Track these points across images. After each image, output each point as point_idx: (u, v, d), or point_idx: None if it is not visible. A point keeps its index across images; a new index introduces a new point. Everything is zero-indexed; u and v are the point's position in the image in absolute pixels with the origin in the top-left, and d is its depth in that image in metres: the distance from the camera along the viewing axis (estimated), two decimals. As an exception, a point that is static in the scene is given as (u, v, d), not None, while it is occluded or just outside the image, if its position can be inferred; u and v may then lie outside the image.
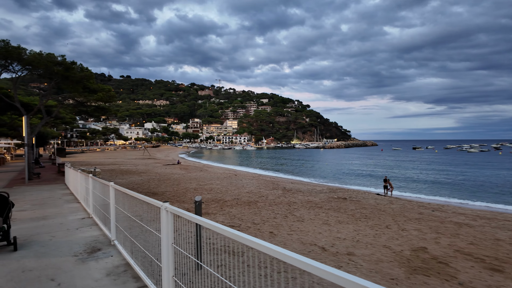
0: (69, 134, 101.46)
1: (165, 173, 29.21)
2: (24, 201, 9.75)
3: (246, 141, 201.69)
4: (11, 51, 15.46)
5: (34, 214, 7.56)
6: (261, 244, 1.58)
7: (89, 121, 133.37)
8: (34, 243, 4.80)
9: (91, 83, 18.58)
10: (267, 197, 17.50)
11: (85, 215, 7.21)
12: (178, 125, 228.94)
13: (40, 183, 15.58)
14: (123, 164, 43.16)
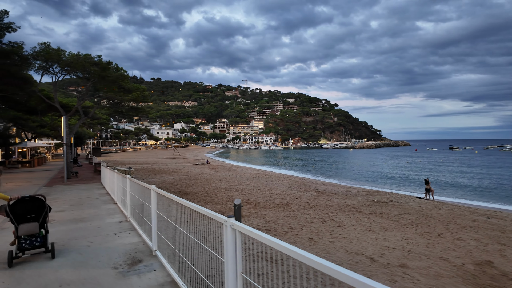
0: (104, 134, 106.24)
1: (196, 173, 29.36)
2: (63, 201, 9.84)
3: (272, 141, 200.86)
4: (51, 53, 16.03)
5: (72, 215, 7.50)
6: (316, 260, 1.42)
7: (122, 122, 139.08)
8: (72, 250, 4.54)
9: (126, 83, 18.91)
10: (300, 199, 16.84)
11: (122, 218, 7.03)
12: (206, 126, 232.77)
13: (78, 182, 15.99)
14: (154, 163, 44.20)
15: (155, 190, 4.26)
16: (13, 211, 4.21)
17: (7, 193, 11.90)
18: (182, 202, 3.03)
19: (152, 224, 4.25)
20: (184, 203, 2.93)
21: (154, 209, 4.31)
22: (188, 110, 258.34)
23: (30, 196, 4.32)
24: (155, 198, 4.35)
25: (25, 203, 4.30)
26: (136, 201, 6.69)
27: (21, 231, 4.14)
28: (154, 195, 4.38)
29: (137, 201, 6.60)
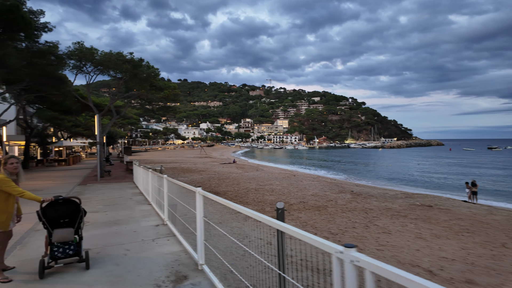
0: (134, 134, 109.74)
1: (223, 172, 29.06)
2: (97, 201, 9.63)
3: (297, 140, 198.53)
4: (85, 52, 16.23)
5: (106, 217, 7.16)
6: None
7: (151, 122, 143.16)
8: (107, 259, 4.07)
9: (157, 80, 18.89)
10: (336, 201, 15.88)
11: (158, 221, 6.58)
12: (231, 125, 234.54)
13: (110, 181, 16.05)
14: (183, 162, 44.62)
15: (201, 193, 3.66)
16: (45, 215, 3.82)
17: (42, 192, 12.00)
18: (250, 213, 2.36)
19: (198, 233, 3.65)
20: (255, 215, 2.24)
21: (201, 215, 3.70)
22: (214, 110, 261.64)
23: (64, 198, 3.89)
24: (201, 202, 3.74)
25: (58, 206, 3.87)
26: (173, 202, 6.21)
27: (54, 238, 3.72)
28: (200, 199, 3.77)
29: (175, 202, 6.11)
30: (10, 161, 3.81)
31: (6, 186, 3.62)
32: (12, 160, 3.82)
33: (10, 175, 3.75)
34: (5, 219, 3.67)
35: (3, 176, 3.66)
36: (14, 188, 3.64)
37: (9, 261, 4.23)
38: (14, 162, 3.84)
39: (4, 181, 3.63)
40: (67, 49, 16.64)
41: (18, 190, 3.65)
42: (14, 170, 3.80)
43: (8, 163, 3.77)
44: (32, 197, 3.67)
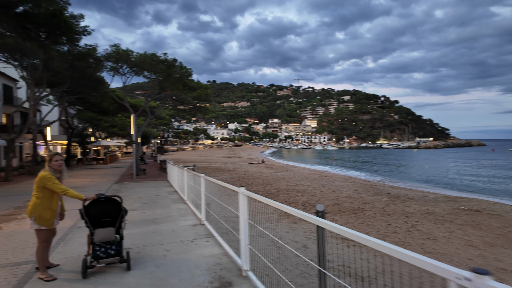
0: (166, 134, 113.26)
1: (253, 172, 28.93)
2: (134, 199, 9.79)
3: (326, 140, 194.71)
4: (121, 54, 16.79)
5: (144, 215, 7.21)
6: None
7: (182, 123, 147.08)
8: (148, 260, 3.97)
9: (190, 81, 19.17)
10: (373, 204, 15.10)
11: (195, 220, 6.49)
12: (258, 125, 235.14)
13: (146, 179, 16.43)
14: (213, 162, 45.19)
15: (245, 194, 3.44)
16: (87, 213, 3.76)
17: (83, 189, 12.46)
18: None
19: (241, 236, 3.42)
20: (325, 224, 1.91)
21: (245, 218, 3.45)
22: (241, 111, 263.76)
23: (106, 197, 3.83)
24: (245, 204, 3.49)
25: (100, 205, 3.80)
26: (210, 201, 6.06)
27: (96, 238, 3.66)
28: (243, 201, 3.51)
29: (212, 201, 5.96)
30: (55, 158, 3.80)
31: (50, 183, 3.61)
32: (56, 157, 3.82)
33: (54, 172, 3.74)
34: (50, 216, 3.67)
35: (48, 174, 3.66)
36: (58, 185, 3.62)
37: (53, 258, 4.25)
38: (59, 159, 3.84)
39: (48, 178, 3.63)
40: (105, 51, 17.32)
41: (62, 188, 3.63)
42: (58, 167, 3.79)
43: (53, 160, 3.77)
44: (75, 195, 3.63)
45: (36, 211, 3.58)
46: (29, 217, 3.60)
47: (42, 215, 3.59)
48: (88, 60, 18.14)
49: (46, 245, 3.73)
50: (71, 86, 21.37)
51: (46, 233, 3.69)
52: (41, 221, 3.59)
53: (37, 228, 3.61)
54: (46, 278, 3.54)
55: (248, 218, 3.41)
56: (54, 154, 3.80)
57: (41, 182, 3.61)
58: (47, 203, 3.65)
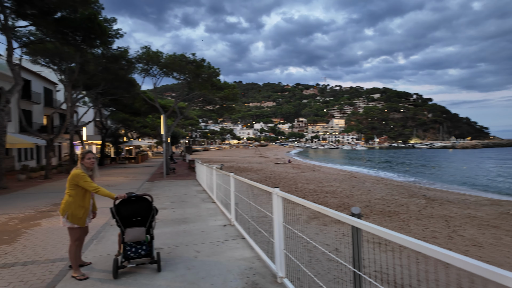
0: (194, 134, 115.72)
1: (280, 172, 28.62)
2: (164, 197, 9.88)
3: (355, 140, 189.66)
4: (152, 56, 17.26)
5: (174, 214, 7.22)
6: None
7: (209, 123, 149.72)
8: (179, 261, 3.86)
9: (217, 80, 19.33)
10: (408, 206, 14.29)
11: (225, 220, 6.38)
12: (284, 125, 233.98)
13: (175, 178, 16.71)
14: (239, 161, 45.39)
15: (280, 195, 3.20)
16: (118, 213, 3.68)
17: (116, 188, 12.82)
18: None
19: (276, 240, 3.18)
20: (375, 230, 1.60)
21: (279, 220, 3.21)
22: (267, 111, 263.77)
23: (137, 196, 3.75)
24: (280, 205, 3.24)
25: (131, 204, 3.71)
26: (238, 200, 5.90)
27: (127, 237, 3.60)
28: (278, 202, 3.26)
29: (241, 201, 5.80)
30: (88, 156, 3.80)
31: (83, 181, 3.60)
32: (89, 155, 3.82)
33: (87, 170, 3.74)
34: (82, 214, 3.66)
35: (81, 171, 3.66)
36: (90, 183, 3.61)
37: (86, 256, 4.28)
38: (91, 157, 3.84)
39: (81, 176, 3.62)
40: (136, 53, 17.86)
41: (94, 186, 3.61)
42: (91, 165, 3.79)
43: (85, 158, 3.77)
44: (106, 194, 3.60)
45: (69, 209, 3.59)
46: (62, 215, 3.61)
47: (74, 213, 3.59)
48: (120, 62, 18.79)
49: (78, 244, 3.73)
50: (105, 88, 22.28)
51: (79, 231, 3.69)
52: (74, 219, 3.59)
53: (69, 226, 3.62)
54: (78, 277, 3.53)
55: (283, 221, 3.18)
56: (87, 152, 3.80)
57: (73, 180, 3.62)
58: (80, 201, 3.65)
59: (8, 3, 12.94)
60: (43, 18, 13.18)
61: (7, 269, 3.88)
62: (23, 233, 5.64)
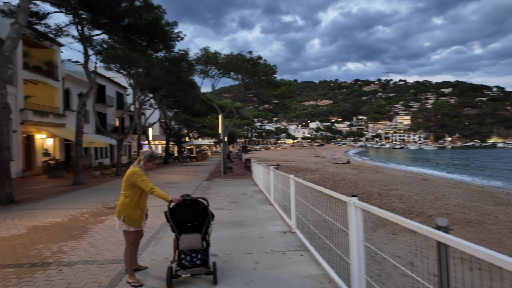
0: (249, 134, 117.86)
1: (338, 173, 27.18)
2: (221, 197, 9.76)
3: (422, 139, 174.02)
4: (210, 57, 17.62)
5: (231, 216, 6.94)
6: None
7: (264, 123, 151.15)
8: (236, 274, 3.44)
9: (273, 78, 19.01)
10: (495, 216, 12.14)
11: (284, 226, 5.82)
12: (342, 124, 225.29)
13: (232, 177, 16.78)
14: (294, 161, 44.62)
15: (358, 206, 2.57)
16: (173, 217, 3.39)
17: (177, 186, 13.23)
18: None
19: (354, 261, 2.60)
20: None
21: (358, 238, 2.60)
22: (323, 109, 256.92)
23: (192, 199, 3.44)
24: (360, 219, 2.61)
25: (186, 208, 3.42)
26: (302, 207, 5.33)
27: (182, 245, 3.32)
28: (357, 215, 2.64)
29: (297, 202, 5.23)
30: (155, 162, 3.64)
31: (140, 180, 3.40)
32: (156, 161, 3.66)
33: (145, 171, 3.55)
34: (139, 216, 3.48)
35: (139, 169, 3.47)
36: (147, 183, 3.40)
37: (143, 259, 4.14)
38: (156, 163, 3.69)
39: (139, 175, 3.42)
40: (196, 55, 18.45)
41: (150, 186, 3.39)
42: (151, 168, 3.62)
43: (151, 162, 3.58)
44: (162, 195, 3.36)
45: (125, 211, 3.42)
46: (118, 217, 3.44)
47: (131, 215, 3.42)
48: (181, 65, 19.58)
49: (134, 248, 3.57)
50: (168, 91, 23.56)
51: (134, 234, 3.51)
52: (130, 221, 3.42)
53: (125, 229, 3.45)
54: (133, 283, 3.35)
55: (364, 239, 2.53)
56: (156, 158, 3.61)
57: (130, 178, 3.43)
58: (136, 202, 3.46)
59: (85, 14, 14.24)
60: (113, 26, 14.23)
61: (70, 267, 3.91)
62: (90, 229, 5.86)
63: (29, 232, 5.71)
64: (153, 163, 3.60)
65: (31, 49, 20.48)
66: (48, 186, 13.32)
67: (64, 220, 6.66)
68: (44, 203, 9.07)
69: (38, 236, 5.46)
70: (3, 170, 8.58)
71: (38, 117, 18.26)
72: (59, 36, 16.08)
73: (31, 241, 5.12)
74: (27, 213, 7.55)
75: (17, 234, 5.56)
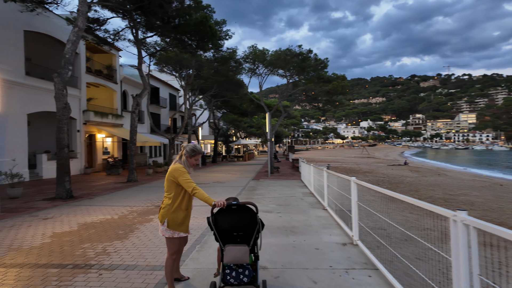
0: (296, 134, 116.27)
1: (394, 175, 25.02)
2: (269, 198, 9.21)
3: (491, 139, 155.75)
4: (258, 54, 17.24)
5: (281, 220, 6.29)
6: None
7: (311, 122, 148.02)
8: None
9: (324, 73, 18.02)
10: None
11: (343, 236, 5.03)
12: (396, 122, 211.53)
13: (279, 177, 16.21)
14: (344, 162, 42.53)
15: (474, 225, 1.79)
16: (216, 224, 2.88)
17: (224, 185, 13.02)
18: None
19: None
20: None
21: (470, 271, 1.81)
22: (375, 107, 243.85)
23: (238, 204, 2.88)
24: (473, 244, 1.82)
25: (231, 214, 2.88)
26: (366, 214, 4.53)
27: (227, 258, 2.81)
28: (468, 237, 1.88)
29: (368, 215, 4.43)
30: (197, 157, 3.22)
31: (182, 178, 2.93)
32: (198, 157, 3.24)
33: (188, 168, 3.11)
34: (183, 219, 3.02)
35: (181, 166, 3.03)
36: (189, 182, 2.94)
37: (186, 267, 3.70)
38: (199, 158, 3.27)
39: (181, 172, 2.96)
40: (244, 53, 18.24)
41: (192, 186, 2.91)
42: (193, 164, 3.20)
43: (194, 157, 3.17)
44: (205, 198, 2.88)
45: (168, 214, 3.02)
46: (161, 222, 3.01)
47: (175, 219, 2.98)
48: (229, 64, 19.56)
49: (176, 258, 3.15)
50: (217, 91, 23.83)
51: (178, 242, 3.08)
52: (175, 226, 2.98)
53: (169, 235, 2.99)
54: (172, 297, 2.94)
55: (479, 273, 1.75)
56: (198, 152, 3.18)
57: (172, 175, 2.99)
58: (180, 203, 3.04)
59: (139, 18, 14.81)
60: (164, 27, 14.58)
61: (110, 272, 3.65)
62: (136, 229, 5.71)
63: (80, 229, 5.75)
64: (196, 158, 3.16)
65: (94, 54, 22.13)
66: (105, 182, 14.06)
67: (114, 218, 6.67)
68: (98, 199, 9.40)
69: (87, 234, 5.43)
70: (63, 166, 9.05)
71: (98, 118, 19.58)
72: (117, 40, 17.01)
73: (79, 239, 5.08)
74: (81, 209, 7.79)
75: (68, 231, 5.62)
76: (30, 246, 4.69)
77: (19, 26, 14.11)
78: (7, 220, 6.47)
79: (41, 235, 5.34)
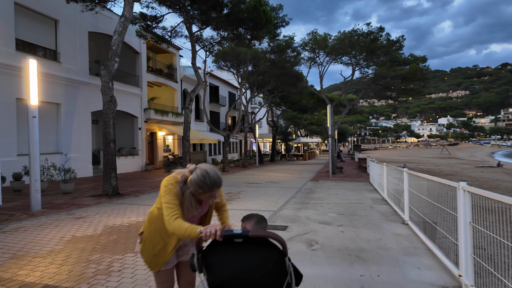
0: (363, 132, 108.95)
1: (485, 179, 20.64)
2: (328, 205, 7.59)
3: None
4: (319, 40, 15.43)
5: (343, 238, 4.70)
6: None
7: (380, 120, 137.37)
8: None
9: (400, 55, 15.33)
10: None
11: (441, 273, 3.24)
12: (483, 119, 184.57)
13: (343, 178, 14.24)
14: (419, 162, 37.62)
15: None
16: (209, 269, 1.50)
17: (277, 185, 11.60)
18: None
19: None
20: None
21: None
22: (456, 102, 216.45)
23: (247, 236, 1.42)
24: None
25: (235, 252, 1.47)
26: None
27: None
28: None
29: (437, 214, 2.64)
30: (207, 195, 1.90)
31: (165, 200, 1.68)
32: (212, 193, 1.70)
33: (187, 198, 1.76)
34: (157, 249, 1.80)
35: (173, 182, 1.73)
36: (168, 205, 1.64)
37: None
38: (216, 195, 1.75)
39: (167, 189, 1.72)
40: (302, 40, 16.62)
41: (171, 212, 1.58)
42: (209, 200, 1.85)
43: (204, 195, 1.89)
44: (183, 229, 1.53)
45: (145, 230, 1.92)
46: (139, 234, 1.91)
47: (146, 245, 1.85)
48: (286, 53, 18.21)
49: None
50: (274, 85, 22.67)
51: (161, 275, 1.91)
52: (143, 253, 1.86)
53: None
54: None
55: None
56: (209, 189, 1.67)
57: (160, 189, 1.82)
58: (159, 226, 1.83)
59: (192, 11, 14.38)
60: (217, 19, 13.88)
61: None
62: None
63: (102, 234, 5.01)
64: (206, 196, 1.72)
65: (156, 55, 22.84)
66: (159, 180, 13.92)
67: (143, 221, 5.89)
68: (143, 197, 8.92)
69: (106, 240, 4.64)
70: (109, 162, 8.76)
71: (159, 116, 19.98)
72: (174, 37, 16.98)
73: (93, 247, 4.28)
74: (120, 208, 7.26)
75: (90, 235, 4.91)
76: (35, 254, 4.00)
77: (84, 28, 14.83)
78: (41, 218, 6.15)
79: (59, 239, 4.71)
